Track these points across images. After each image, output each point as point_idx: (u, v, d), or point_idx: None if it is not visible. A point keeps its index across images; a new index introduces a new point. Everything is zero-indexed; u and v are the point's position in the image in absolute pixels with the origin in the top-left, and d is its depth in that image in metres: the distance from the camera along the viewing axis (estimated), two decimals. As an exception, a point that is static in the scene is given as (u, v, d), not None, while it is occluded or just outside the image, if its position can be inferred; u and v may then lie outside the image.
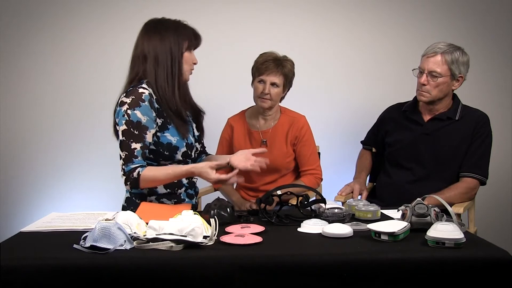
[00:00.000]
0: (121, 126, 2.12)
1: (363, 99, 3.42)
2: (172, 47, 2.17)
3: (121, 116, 2.12)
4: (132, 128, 2.10)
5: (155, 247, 1.67)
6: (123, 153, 2.11)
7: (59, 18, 3.35)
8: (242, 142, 2.79)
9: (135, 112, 2.10)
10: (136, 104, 2.11)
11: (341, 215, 2.01)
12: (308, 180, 2.74)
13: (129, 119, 2.11)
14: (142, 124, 2.11)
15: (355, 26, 3.43)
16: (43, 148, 3.41)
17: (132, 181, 2.09)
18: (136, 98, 2.12)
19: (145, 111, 2.12)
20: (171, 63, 2.18)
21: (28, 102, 3.39)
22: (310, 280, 1.58)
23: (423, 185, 2.56)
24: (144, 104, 2.12)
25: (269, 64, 2.65)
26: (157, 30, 2.19)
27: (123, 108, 2.12)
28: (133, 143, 2.10)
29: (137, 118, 2.11)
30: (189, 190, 2.31)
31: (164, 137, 2.18)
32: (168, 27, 2.19)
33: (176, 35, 2.18)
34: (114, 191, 2.49)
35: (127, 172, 2.09)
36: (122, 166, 2.11)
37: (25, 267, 1.55)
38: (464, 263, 1.61)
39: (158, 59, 2.17)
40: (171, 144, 2.19)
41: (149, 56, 2.17)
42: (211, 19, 3.34)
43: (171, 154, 2.20)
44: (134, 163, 2.09)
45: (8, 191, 3.40)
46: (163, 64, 2.17)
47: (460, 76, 2.58)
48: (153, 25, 2.22)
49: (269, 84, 2.66)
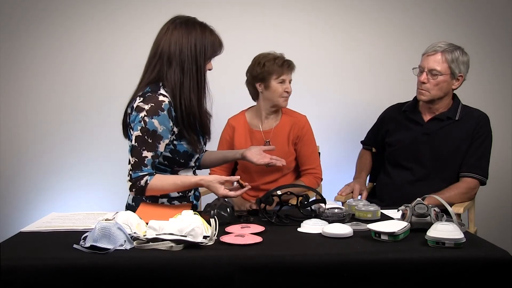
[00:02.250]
0: (136, 132, 2.07)
1: (363, 99, 3.42)
2: (198, 55, 2.10)
3: (138, 122, 2.07)
4: (146, 136, 2.06)
5: (155, 247, 1.67)
6: (133, 159, 2.07)
7: (63, 17, 3.35)
8: (243, 142, 2.79)
9: (152, 121, 2.05)
10: (154, 113, 2.05)
11: (341, 215, 2.01)
12: (308, 180, 2.74)
13: (145, 127, 2.06)
14: (157, 134, 2.07)
15: (355, 26, 3.43)
16: (43, 148, 3.41)
17: (138, 189, 2.06)
18: (155, 106, 2.06)
19: (163, 121, 2.07)
20: (196, 73, 2.11)
21: (28, 102, 3.40)
22: (310, 280, 1.58)
23: (423, 185, 2.56)
24: (163, 114, 2.06)
25: (287, 63, 2.70)
26: (185, 31, 2.11)
27: (141, 115, 2.06)
28: (144, 151, 2.06)
29: (154, 127, 2.06)
30: (196, 193, 2.34)
31: (181, 146, 2.16)
32: (197, 32, 2.12)
33: (203, 41, 2.12)
34: (115, 191, 2.49)
35: (134, 179, 2.05)
36: (130, 171, 2.07)
37: (25, 267, 1.55)
38: (464, 263, 1.61)
39: (184, 67, 2.09)
40: (187, 153, 2.18)
41: (174, 60, 2.09)
42: (212, 19, 3.32)
43: (186, 162, 2.19)
44: (142, 171, 2.06)
45: (8, 191, 3.40)
46: (189, 74, 2.10)
47: (460, 75, 2.58)
48: (180, 24, 2.13)
49: (288, 82, 2.72)
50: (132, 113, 2.12)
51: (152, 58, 2.16)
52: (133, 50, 2.25)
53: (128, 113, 2.17)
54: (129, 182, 2.07)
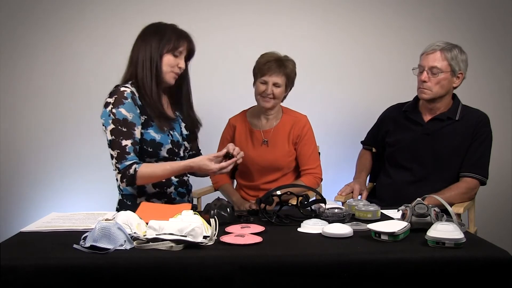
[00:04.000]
0: (109, 126, 2.14)
1: (363, 99, 3.42)
2: (152, 50, 2.21)
3: (107, 116, 2.15)
4: (120, 126, 2.13)
5: (155, 247, 1.67)
6: (115, 152, 2.13)
7: (61, 17, 3.35)
8: (243, 141, 2.79)
9: (119, 110, 2.14)
10: (119, 102, 2.15)
11: (341, 215, 2.01)
12: (308, 180, 2.74)
13: (115, 118, 2.13)
14: (129, 121, 2.15)
15: (355, 26, 3.43)
16: (43, 148, 3.41)
17: (128, 178, 2.11)
18: (118, 97, 2.16)
19: (130, 108, 2.15)
20: (149, 64, 2.21)
21: (28, 102, 3.40)
22: (310, 280, 1.58)
23: (423, 185, 2.56)
24: (127, 102, 2.15)
25: (271, 65, 2.65)
26: (145, 34, 2.25)
27: (108, 108, 2.15)
28: (123, 140, 2.13)
29: (123, 116, 2.14)
30: (180, 189, 2.32)
31: (148, 134, 2.20)
32: (155, 32, 2.24)
33: (159, 38, 2.22)
34: (114, 191, 2.48)
35: (122, 170, 2.12)
36: (116, 164, 2.13)
37: (25, 267, 1.55)
38: (464, 263, 1.61)
39: (143, 62, 2.21)
40: (154, 141, 2.21)
41: (138, 60, 2.22)
42: (212, 20, 3.34)
43: (155, 151, 2.22)
44: (127, 159, 2.12)
45: (8, 191, 3.40)
46: (145, 65, 2.21)
47: (460, 73, 2.58)
48: (145, 30, 2.28)
49: (272, 85, 2.66)
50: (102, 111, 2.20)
51: (128, 63, 2.29)
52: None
53: None
54: (118, 174, 2.13)
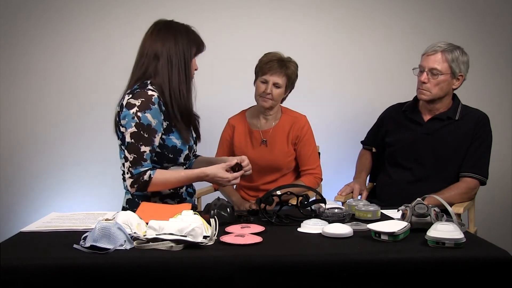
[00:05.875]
0: (130, 129, 2.08)
1: (363, 99, 3.42)
2: (185, 50, 2.15)
3: (130, 118, 2.08)
4: (142, 131, 2.08)
5: (155, 247, 1.67)
6: (131, 156, 2.08)
7: (61, 17, 3.35)
8: (243, 141, 2.79)
9: (145, 115, 2.08)
10: (146, 107, 2.08)
11: (341, 215, 2.01)
12: (308, 180, 2.74)
13: (139, 122, 2.07)
14: (152, 127, 2.09)
15: (355, 27, 3.43)
16: (43, 148, 3.41)
17: (140, 184, 2.07)
18: (146, 101, 2.08)
19: (155, 114, 2.10)
20: (184, 66, 2.15)
21: (28, 102, 3.39)
22: (310, 280, 1.58)
23: (423, 185, 2.55)
24: (154, 107, 2.09)
25: (273, 64, 2.65)
26: (170, 31, 2.16)
27: (133, 110, 2.08)
28: (142, 146, 2.08)
29: (148, 121, 2.08)
30: (189, 189, 2.33)
31: (170, 140, 2.17)
32: (181, 31, 2.17)
33: (188, 39, 2.17)
34: (115, 191, 2.49)
35: (136, 175, 2.07)
36: (130, 168, 2.08)
37: (25, 267, 1.55)
38: (464, 263, 1.61)
39: (172, 61, 2.13)
40: (176, 147, 2.18)
41: (162, 56, 2.13)
42: (212, 20, 3.34)
43: (175, 157, 2.19)
44: (143, 166, 2.08)
45: (8, 191, 3.40)
46: (177, 67, 2.14)
47: (460, 75, 2.58)
48: (165, 26, 2.19)
49: (272, 84, 2.65)
50: (122, 110, 2.13)
51: (139, 58, 2.20)
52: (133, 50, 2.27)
53: (117, 111, 2.19)
54: (129, 179, 2.08)
